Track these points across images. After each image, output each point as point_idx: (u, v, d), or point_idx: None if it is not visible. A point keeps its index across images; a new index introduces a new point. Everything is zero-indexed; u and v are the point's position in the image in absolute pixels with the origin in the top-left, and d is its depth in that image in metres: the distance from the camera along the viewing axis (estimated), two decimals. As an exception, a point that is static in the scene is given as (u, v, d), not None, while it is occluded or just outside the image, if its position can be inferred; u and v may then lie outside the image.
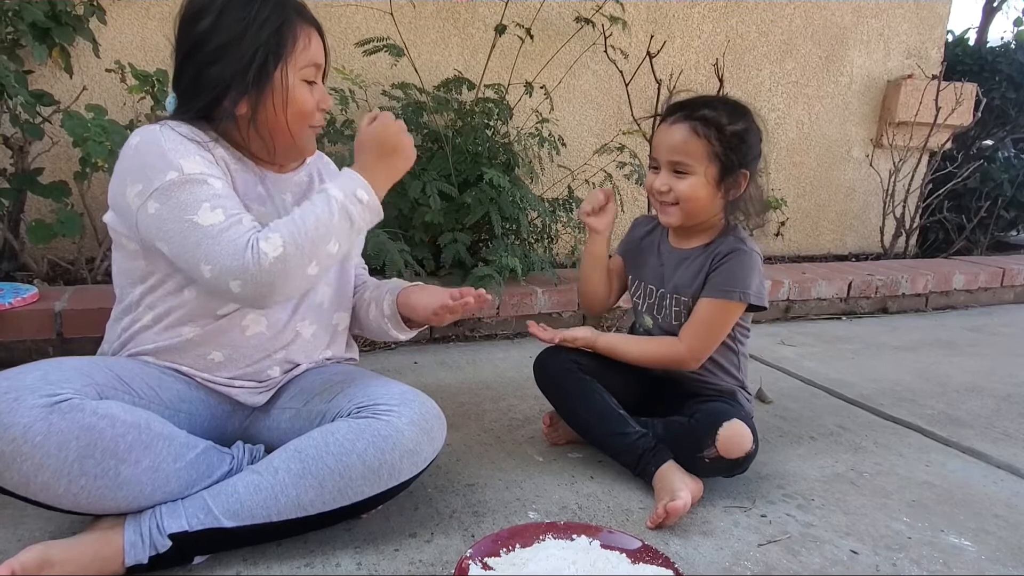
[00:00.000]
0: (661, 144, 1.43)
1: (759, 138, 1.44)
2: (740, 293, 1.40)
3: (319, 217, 1.11)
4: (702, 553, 1.21)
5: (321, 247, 1.11)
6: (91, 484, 1.00)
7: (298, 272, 1.09)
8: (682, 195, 1.41)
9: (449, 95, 2.69)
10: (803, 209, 3.83)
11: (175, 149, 1.12)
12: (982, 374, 2.32)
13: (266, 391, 1.30)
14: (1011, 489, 1.52)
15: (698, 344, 1.44)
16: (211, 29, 1.15)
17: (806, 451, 1.65)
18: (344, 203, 1.13)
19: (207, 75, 1.15)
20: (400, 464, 1.14)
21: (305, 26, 1.20)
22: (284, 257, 1.07)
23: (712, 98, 1.46)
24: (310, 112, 1.22)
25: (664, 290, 1.51)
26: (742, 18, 3.43)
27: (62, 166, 2.34)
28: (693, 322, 1.44)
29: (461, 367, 2.13)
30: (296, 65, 1.18)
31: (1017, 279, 3.49)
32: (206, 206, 1.08)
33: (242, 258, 1.05)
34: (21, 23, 2.06)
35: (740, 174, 1.41)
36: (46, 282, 2.19)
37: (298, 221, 1.10)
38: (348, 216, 1.14)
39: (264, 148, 1.23)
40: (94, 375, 1.07)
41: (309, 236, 1.09)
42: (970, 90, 3.81)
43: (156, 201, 1.09)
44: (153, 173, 1.10)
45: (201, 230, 1.07)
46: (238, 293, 1.08)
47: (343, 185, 1.16)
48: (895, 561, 1.22)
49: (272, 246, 1.06)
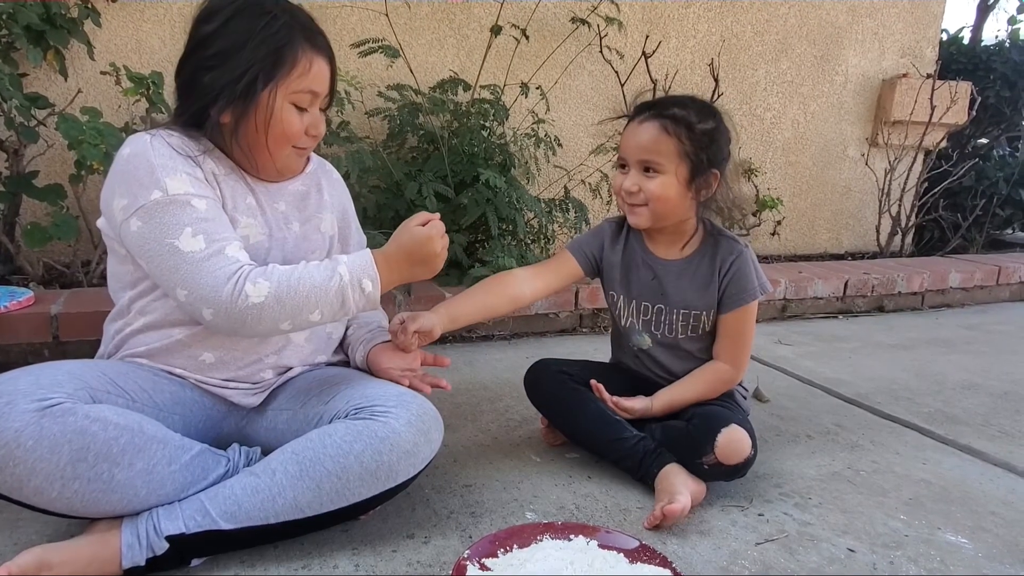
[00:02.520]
0: (630, 143, 1.41)
1: (728, 139, 1.43)
2: (758, 290, 1.44)
3: (315, 286, 1.12)
4: (700, 552, 1.21)
5: (304, 313, 1.12)
6: (84, 488, 1.00)
7: (270, 324, 1.11)
8: (652, 195, 1.39)
9: (445, 96, 2.69)
10: (799, 208, 3.84)
11: (163, 165, 1.12)
12: (978, 372, 2.32)
13: (260, 392, 1.30)
14: (1007, 486, 1.52)
15: (739, 358, 1.47)
16: (214, 34, 1.14)
17: (803, 450, 1.65)
18: (345, 285, 1.13)
19: (201, 80, 1.16)
20: (398, 465, 1.14)
21: (310, 52, 1.17)
22: (263, 306, 1.08)
23: (680, 97, 1.44)
24: (294, 135, 1.20)
25: (664, 305, 1.48)
26: (737, 18, 3.43)
27: (57, 169, 2.33)
28: (727, 340, 1.46)
29: (458, 368, 2.13)
30: (288, 88, 1.16)
31: (1013, 277, 3.50)
32: (188, 231, 1.09)
33: (221, 291, 1.07)
34: (15, 26, 2.06)
35: (711, 174, 1.39)
36: (42, 285, 2.19)
37: (293, 280, 1.11)
38: (343, 298, 1.14)
39: (245, 160, 1.23)
40: (87, 379, 1.07)
41: (296, 299, 1.10)
42: (965, 89, 3.82)
43: (139, 219, 1.10)
44: (139, 189, 1.11)
45: (181, 255, 1.08)
46: (209, 321, 1.10)
47: (353, 267, 1.15)
48: (892, 559, 1.22)
49: (257, 292, 1.08)
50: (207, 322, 1.11)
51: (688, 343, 1.49)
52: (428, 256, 1.19)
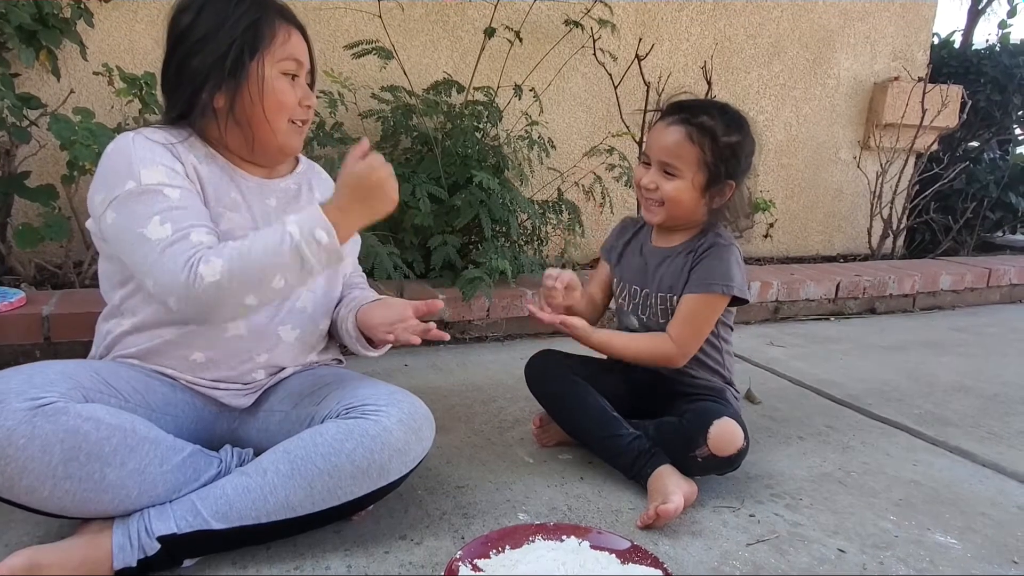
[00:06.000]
0: (655, 143, 1.44)
1: (752, 151, 1.45)
2: (723, 286, 1.41)
3: (267, 250, 1.08)
4: (691, 553, 1.22)
5: (264, 282, 1.09)
6: (76, 487, 0.99)
7: (232, 301, 1.09)
8: (667, 196, 1.42)
9: (439, 98, 2.69)
10: (791, 211, 3.85)
11: (141, 158, 1.13)
12: (969, 374, 2.33)
13: (251, 393, 1.30)
14: (997, 487, 1.53)
15: (685, 340, 1.44)
16: (191, 24, 1.18)
17: (795, 451, 1.66)
18: (298, 242, 1.08)
19: (187, 67, 1.18)
20: (389, 463, 1.14)
21: (284, 24, 1.22)
22: (219, 284, 1.06)
23: (713, 104, 1.47)
24: (290, 105, 1.22)
25: (648, 290, 1.51)
26: (730, 21, 3.45)
27: (49, 169, 2.32)
28: (678, 318, 1.45)
29: (451, 369, 2.13)
30: (274, 57, 1.20)
31: (1003, 279, 3.52)
32: (156, 219, 1.09)
33: (179, 276, 1.06)
34: (8, 26, 2.05)
35: (727, 184, 1.42)
36: (33, 286, 2.18)
37: (244, 251, 1.08)
38: (300, 256, 1.09)
39: (244, 143, 1.24)
40: (80, 378, 1.07)
41: (252, 269, 1.08)
42: (956, 92, 3.85)
43: (113, 211, 1.11)
44: (115, 181, 1.12)
45: (148, 244, 1.08)
46: (176, 309, 1.09)
47: (303, 222, 1.10)
48: (882, 560, 1.23)
49: (210, 270, 1.06)
50: (174, 311, 1.09)
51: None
52: (375, 186, 1.14)
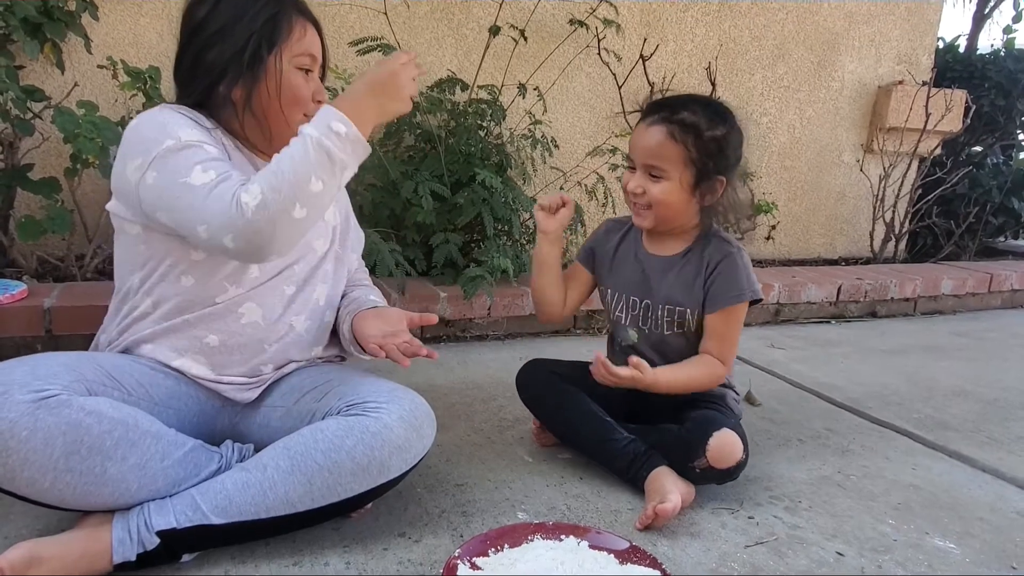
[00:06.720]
0: (637, 145, 1.40)
1: (740, 142, 1.41)
2: (748, 292, 1.42)
3: (294, 157, 1.08)
4: (689, 554, 1.22)
5: (303, 187, 1.08)
6: (77, 480, 1.00)
7: (283, 217, 1.07)
8: (655, 199, 1.39)
9: (443, 95, 2.69)
10: (794, 213, 3.85)
11: (175, 121, 1.14)
12: (969, 378, 2.33)
13: (256, 387, 1.30)
14: (996, 492, 1.53)
15: (726, 354, 1.44)
16: (208, 16, 1.19)
17: (794, 454, 1.66)
18: (319, 139, 1.08)
19: (204, 60, 1.19)
20: (389, 461, 1.14)
21: (301, 19, 1.23)
22: (264, 203, 1.05)
23: (693, 99, 1.41)
24: (304, 99, 1.24)
25: (651, 301, 1.48)
26: (735, 22, 3.44)
27: (52, 162, 2.32)
28: (714, 336, 1.43)
29: (452, 368, 2.14)
30: (291, 52, 1.21)
31: (1004, 284, 3.52)
32: (198, 168, 1.09)
33: (229, 211, 1.05)
34: (12, 18, 2.05)
35: (716, 180, 1.39)
36: (35, 279, 2.18)
37: (273, 167, 1.09)
38: (326, 151, 1.09)
39: (260, 135, 1.26)
40: (83, 371, 1.07)
41: (286, 178, 1.07)
42: (960, 97, 3.84)
43: (154, 170, 1.11)
44: (151, 144, 1.12)
45: (194, 191, 1.08)
46: (232, 248, 1.07)
47: (317, 121, 1.11)
48: (880, 563, 1.23)
49: (251, 195, 1.05)
50: (232, 252, 1.08)
51: (674, 340, 1.49)
52: (392, 84, 1.14)
